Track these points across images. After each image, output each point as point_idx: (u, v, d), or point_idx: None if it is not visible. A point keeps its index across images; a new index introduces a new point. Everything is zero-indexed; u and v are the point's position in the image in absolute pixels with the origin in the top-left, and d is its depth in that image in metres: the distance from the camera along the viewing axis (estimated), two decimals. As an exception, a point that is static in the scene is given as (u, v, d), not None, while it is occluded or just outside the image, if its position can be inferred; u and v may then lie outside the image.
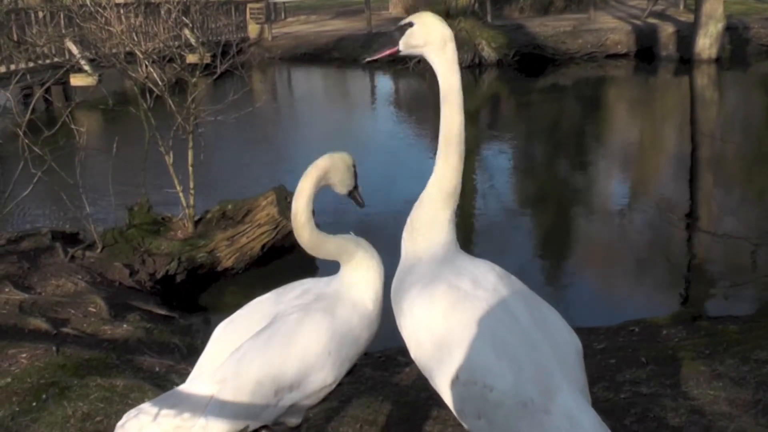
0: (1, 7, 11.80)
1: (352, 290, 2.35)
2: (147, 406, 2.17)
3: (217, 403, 2.13)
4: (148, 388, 3.48)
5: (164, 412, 2.12)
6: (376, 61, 2.30)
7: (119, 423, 2.16)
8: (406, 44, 2.18)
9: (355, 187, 2.44)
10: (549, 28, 20.48)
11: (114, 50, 8.04)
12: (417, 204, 2.26)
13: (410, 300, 2.11)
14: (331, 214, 6.10)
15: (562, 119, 14.03)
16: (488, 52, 19.24)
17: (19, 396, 3.43)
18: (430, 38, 2.15)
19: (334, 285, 2.38)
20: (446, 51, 2.16)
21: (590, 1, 22.64)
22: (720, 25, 17.68)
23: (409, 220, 2.27)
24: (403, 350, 2.28)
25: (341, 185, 2.41)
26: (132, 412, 2.18)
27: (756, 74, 17.71)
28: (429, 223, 2.22)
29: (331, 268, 2.46)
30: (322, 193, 2.40)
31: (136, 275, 5.67)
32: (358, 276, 2.36)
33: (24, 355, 3.86)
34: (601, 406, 3.11)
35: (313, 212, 2.35)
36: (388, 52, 2.23)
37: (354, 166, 2.41)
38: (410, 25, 2.17)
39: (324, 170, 2.35)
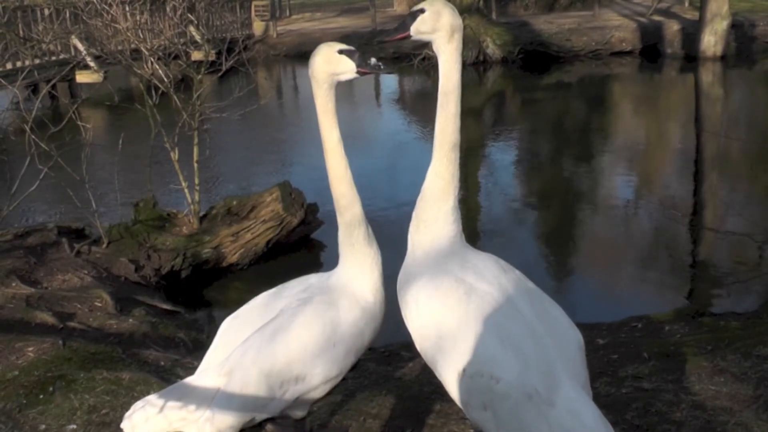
0: (8, 4, 11.84)
1: (352, 282, 2.37)
2: (154, 398, 2.18)
3: (224, 396, 2.15)
4: (153, 382, 3.51)
5: (171, 404, 2.14)
6: (387, 43, 2.35)
7: (126, 414, 2.18)
8: (417, 30, 2.22)
9: (362, 62, 2.28)
10: (554, 25, 20.44)
11: (120, 47, 8.06)
12: (419, 198, 2.29)
13: (416, 293, 2.14)
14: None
15: (566, 117, 14.02)
16: (493, 50, 19.20)
17: (26, 389, 3.46)
18: (439, 25, 2.18)
19: (335, 278, 2.40)
20: (453, 40, 2.18)
21: (595, -2, 22.60)
22: (725, 23, 17.61)
23: (414, 214, 2.30)
24: (407, 345, 2.30)
25: (346, 70, 2.29)
26: (139, 403, 2.20)
27: (761, 72, 17.64)
28: (433, 215, 2.24)
29: (336, 263, 2.47)
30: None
31: (142, 270, 5.71)
32: (357, 268, 2.38)
33: (31, 349, 3.89)
34: (603, 400, 3.13)
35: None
36: (399, 36, 2.27)
37: (342, 48, 2.29)
38: (422, 11, 2.20)
39: (322, 73, 2.28)
